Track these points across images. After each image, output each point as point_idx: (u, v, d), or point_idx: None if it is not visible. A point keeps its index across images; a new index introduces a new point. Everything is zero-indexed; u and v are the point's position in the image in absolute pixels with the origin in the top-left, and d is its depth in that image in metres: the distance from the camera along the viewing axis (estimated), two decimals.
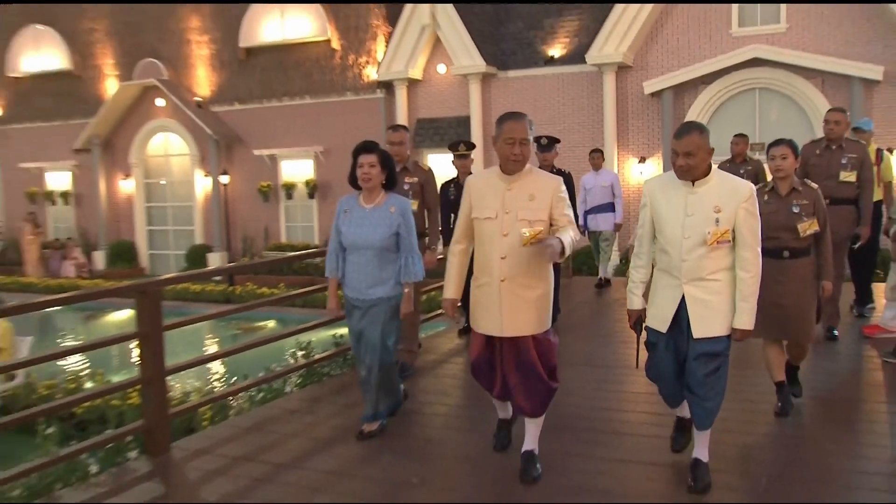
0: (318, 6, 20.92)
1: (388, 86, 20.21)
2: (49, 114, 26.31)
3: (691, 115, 17.35)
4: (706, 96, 17.44)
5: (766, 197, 5.82)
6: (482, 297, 4.77)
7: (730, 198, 4.39)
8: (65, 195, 26.44)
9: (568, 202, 4.71)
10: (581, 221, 11.89)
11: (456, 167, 9.05)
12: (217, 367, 12.41)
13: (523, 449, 4.91)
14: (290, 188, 22.28)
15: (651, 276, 4.80)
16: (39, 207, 26.64)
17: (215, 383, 11.10)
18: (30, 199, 26.79)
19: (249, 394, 7.80)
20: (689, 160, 4.37)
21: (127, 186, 25.01)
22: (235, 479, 5.12)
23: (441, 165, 17.56)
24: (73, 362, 13.33)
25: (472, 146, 9.01)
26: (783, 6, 16.83)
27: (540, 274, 4.69)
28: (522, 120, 4.66)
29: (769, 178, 6.08)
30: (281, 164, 22.41)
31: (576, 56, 18.69)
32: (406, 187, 7.07)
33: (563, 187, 4.71)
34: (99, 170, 25.00)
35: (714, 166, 4.51)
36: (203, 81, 23.26)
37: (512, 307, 4.65)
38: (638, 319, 4.83)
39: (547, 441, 5.14)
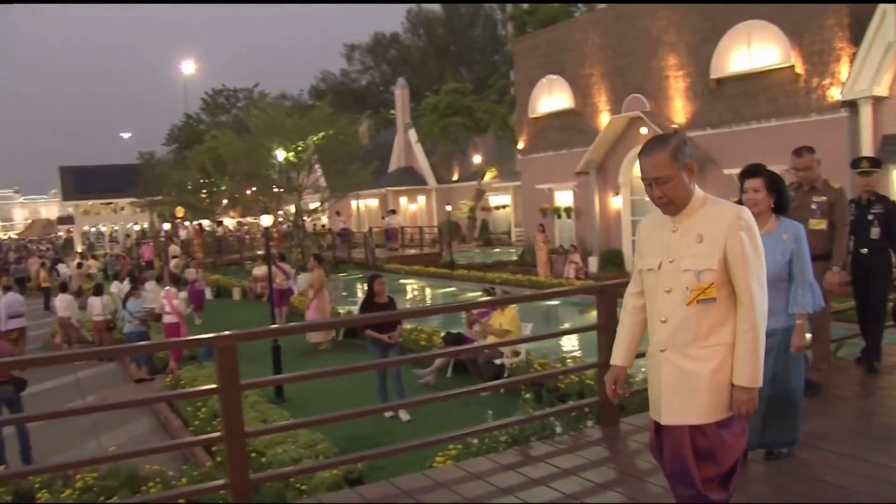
0: (783, 37, 19.91)
1: (851, 104, 18.57)
2: (557, 144, 27.99)
3: None
4: None
5: None
6: (649, 370, 3.44)
7: None
8: (567, 210, 27.91)
9: (754, 245, 3.17)
10: None
11: (857, 185, 7.38)
12: None
13: None
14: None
15: None
16: (548, 220, 28.38)
17: None
18: (542, 213, 28.67)
19: None
20: None
21: (616, 202, 25.77)
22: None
23: None
24: (568, 346, 14.18)
25: (877, 163, 7.33)
26: None
27: (715, 340, 3.19)
28: (654, 152, 3.29)
29: None
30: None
31: None
32: (814, 206, 6.27)
33: (746, 222, 3.18)
34: (594, 189, 26.04)
35: None
36: (679, 110, 23.25)
37: (672, 386, 3.24)
38: None
39: None
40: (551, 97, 27.86)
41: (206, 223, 48.84)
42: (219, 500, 6.38)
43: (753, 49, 20.77)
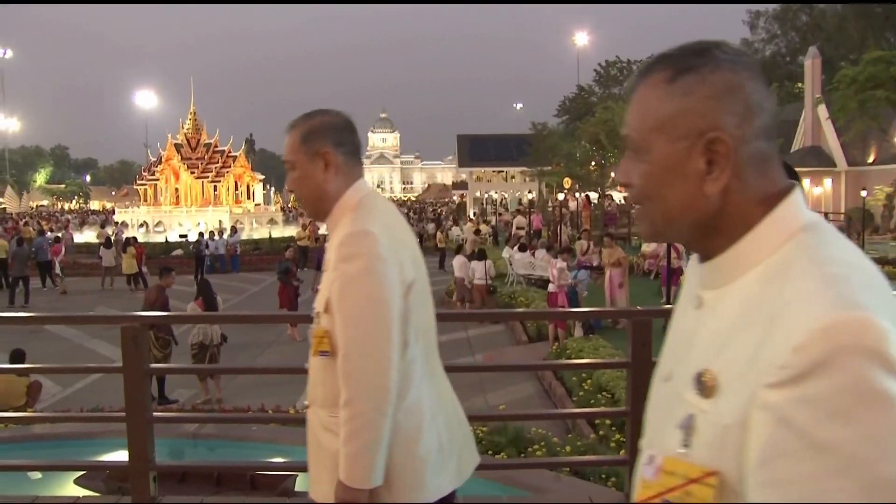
0: None
1: None
2: None
3: None
4: None
5: None
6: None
7: None
8: None
9: (361, 287, 2.12)
10: None
11: None
12: None
13: None
14: None
15: None
16: None
17: None
18: None
19: None
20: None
21: None
22: None
23: None
24: None
25: None
26: None
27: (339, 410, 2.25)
28: (289, 132, 2.36)
29: None
30: None
31: None
32: None
33: (352, 249, 2.14)
34: None
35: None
36: None
37: (310, 450, 2.40)
38: None
39: None
40: None
41: (593, 196, 49.63)
42: (606, 473, 6.20)
43: None
